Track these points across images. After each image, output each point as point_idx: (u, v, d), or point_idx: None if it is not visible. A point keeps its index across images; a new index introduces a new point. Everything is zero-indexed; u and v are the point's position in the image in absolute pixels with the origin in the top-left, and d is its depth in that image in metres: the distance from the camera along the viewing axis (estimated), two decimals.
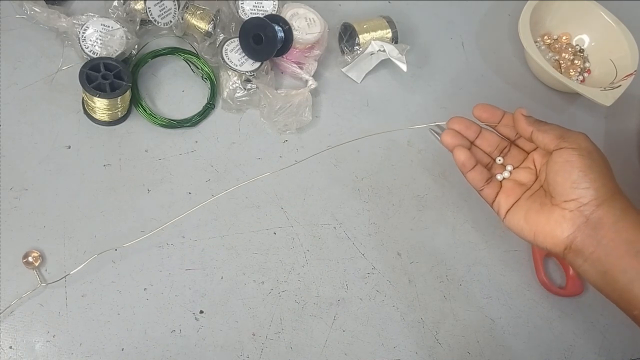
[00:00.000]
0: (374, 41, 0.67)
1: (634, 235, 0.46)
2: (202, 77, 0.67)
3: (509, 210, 0.52)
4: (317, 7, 0.69)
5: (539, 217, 0.50)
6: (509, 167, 0.54)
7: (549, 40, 0.80)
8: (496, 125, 0.55)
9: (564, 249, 0.49)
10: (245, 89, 0.65)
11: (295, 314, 0.57)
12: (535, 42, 0.77)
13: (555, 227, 0.48)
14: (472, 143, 0.56)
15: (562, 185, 0.48)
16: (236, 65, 0.64)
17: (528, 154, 0.55)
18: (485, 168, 0.54)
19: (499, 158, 0.55)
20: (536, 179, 0.53)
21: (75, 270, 0.54)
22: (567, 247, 0.48)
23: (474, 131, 0.55)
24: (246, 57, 0.65)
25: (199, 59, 0.67)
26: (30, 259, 0.54)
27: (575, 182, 0.47)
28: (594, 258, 0.47)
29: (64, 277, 0.54)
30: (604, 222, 0.47)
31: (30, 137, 0.60)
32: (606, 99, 0.69)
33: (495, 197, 0.53)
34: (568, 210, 0.48)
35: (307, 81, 0.67)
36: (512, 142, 0.56)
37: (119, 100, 0.59)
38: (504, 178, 0.54)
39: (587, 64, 0.78)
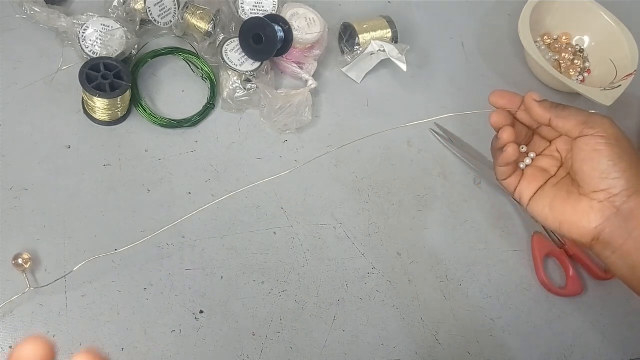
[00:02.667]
0: (374, 41, 0.67)
1: None
2: (202, 77, 0.67)
3: (532, 197, 0.50)
4: (317, 7, 0.69)
5: (565, 206, 0.48)
6: (532, 155, 0.52)
7: (549, 40, 0.80)
8: (515, 112, 0.51)
9: (591, 240, 0.47)
10: (245, 89, 0.65)
11: (295, 314, 0.57)
12: (535, 42, 0.77)
13: (583, 218, 0.46)
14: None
15: (590, 175, 0.46)
16: (236, 65, 0.64)
17: (551, 142, 0.52)
18: None
19: (522, 146, 0.52)
20: (561, 166, 0.51)
21: (75, 268, 0.54)
22: (595, 238, 0.47)
23: (513, 120, 0.52)
24: (246, 57, 0.65)
25: (199, 59, 0.67)
26: (20, 261, 0.53)
27: (604, 172, 0.45)
28: (624, 250, 0.45)
29: (56, 280, 0.53)
30: (635, 214, 0.44)
31: (30, 137, 0.60)
32: (606, 99, 0.69)
33: (517, 185, 0.51)
34: (597, 200, 0.46)
35: (307, 81, 0.67)
36: (534, 131, 0.53)
37: (119, 100, 0.59)
38: (526, 165, 0.52)
39: (587, 64, 0.79)
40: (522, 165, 0.52)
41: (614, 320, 0.63)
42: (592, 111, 0.48)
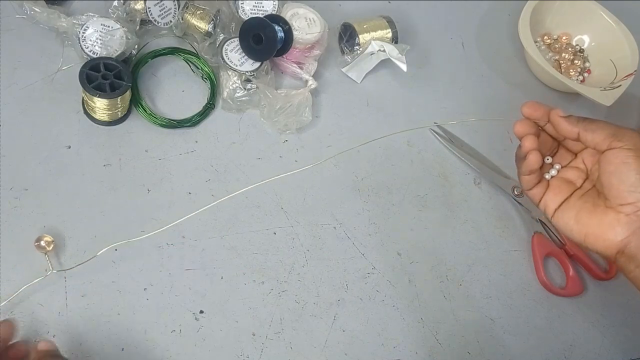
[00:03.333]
0: (374, 41, 0.67)
1: None
2: (202, 77, 0.67)
3: (557, 208, 0.50)
4: (317, 7, 0.69)
5: (590, 218, 0.48)
6: (557, 166, 0.52)
7: (549, 40, 0.80)
8: (545, 125, 0.52)
9: (615, 253, 0.47)
10: (245, 89, 0.65)
11: (295, 314, 0.57)
12: (535, 42, 0.77)
13: (608, 230, 0.46)
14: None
15: (618, 188, 0.46)
16: (236, 65, 0.64)
17: (576, 155, 0.52)
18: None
19: (548, 157, 0.53)
20: (586, 178, 0.51)
21: (77, 266, 0.54)
22: (620, 251, 0.47)
23: (537, 129, 0.52)
24: (246, 57, 0.65)
25: (199, 59, 0.67)
26: (42, 243, 0.54)
27: (632, 185, 0.45)
28: None
29: (76, 265, 0.54)
30: None
31: (30, 137, 0.60)
32: (606, 99, 0.69)
33: (542, 196, 0.52)
34: (624, 214, 0.46)
35: (307, 81, 0.67)
36: (560, 143, 0.53)
37: (118, 100, 0.59)
38: (551, 177, 0.52)
39: (587, 64, 0.79)
40: (547, 176, 0.52)
41: (614, 320, 0.63)
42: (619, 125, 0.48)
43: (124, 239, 0.56)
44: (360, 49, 0.69)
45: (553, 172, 0.52)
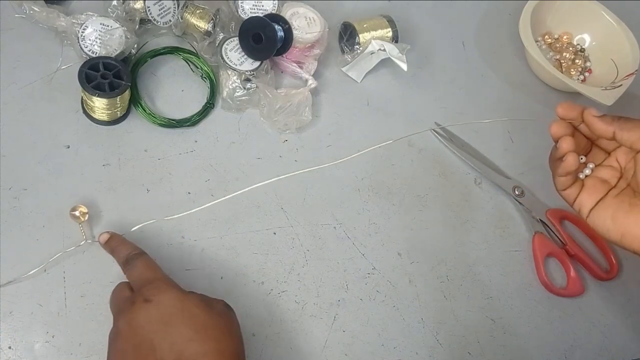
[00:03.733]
0: (374, 40, 0.67)
1: None
2: (201, 76, 0.67)
3: (592, 208, 0.50)
4: (317, 6, 0.69)
5: (628, 218, 0.48)
6: (591, 165, 0.52)
7: (549, 40, 0.80)
8: (579, 125, 0.52)
9: None
10: (245, 88, 0.65)
11: (295, 314, 0.57)
12: (536, 41, 0.77)
13: None
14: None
15: None
16: (236, 65, 0.64)
17: (609, 153, 0.52)
18: None
19: (581, 157, 0.53)
20: (620, 177, 0.51)
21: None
22: None
23: (573, 130, 0.52)
24: (246, 56, 0.65)
25: (199, 58, 0.67)
26: (77, 213, 0.55)
27: None
28: None
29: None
30: None
31: (29, 136, 0.60)
32: (607, 98, 0.69)
33: (577, 196, 0.51)
34: None
35: (307, 80, 0.67)
36: (593, 142, 0.53)
37: (118, 99, 0.59)
38: (585, 176, 0.52)
39: (588, 64, 0.78)
40: (581, 176, 0.52)
41: (615, 320, 0.63)
42: None
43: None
44: (361, 49, 0.68)
45: (587, 171, 0.52)
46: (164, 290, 0.46)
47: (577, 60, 0.77)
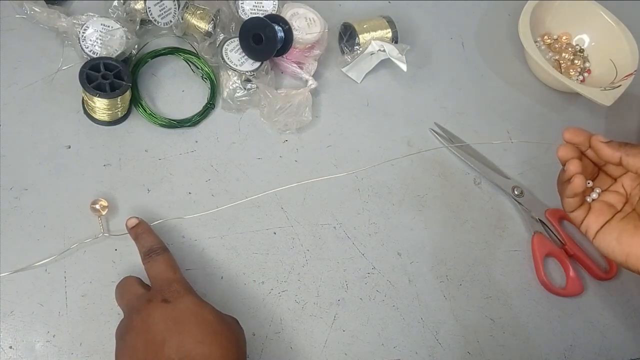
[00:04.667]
0: (374, 41, 0.67)
1: None
2: (202, 77, 0.67)
3: (599, 230, 0.52)
4: (317, 7, 0.69)
5: (632, 240, 0.49)
6: (598, 190, 0.54)
7: (549, 40, 0.80)
8: (586, 150, 0.53)
9: None
10: (245, 88, 0.65)
11: (295, 314, 0.57)
12: (535, 42, 0.77)
13: None
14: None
15: None
16: (236, 65, 0.64)
17: (616, 179, 0.54)
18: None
19: (589, 182, 0.54)
20: (626, 202, 0.53)
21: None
22: None
23: (580, 153, 0.54)
24: (246, 57, 0.65)
25: (199, 58, 0.67)
26: (97, 206, 0.56)
27: None
28: None
29: (122, 234, 0.56)
30: None
31: (30, 137, 0.60)
32: (606, 99, 0.69)
33: (584, 218, 0.53)
34: None
35: (307, 81, 0.67)
36: (600, 168, 0.55)
37: (118, 100, 0.59)
38: (592, 199, 0.54)
39: (587, 64, 0.79)
40: (588, 199, 0.54)
41: (614, 320, 0.63)
42: None
43: (123, 238, 0.56)
44: (360, 49, 0.69)
45: (594, 195, 0.54)
46: (183, 295, 0.48)
47: (576, 61, 0.78)
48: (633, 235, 0.49)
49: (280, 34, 0.64)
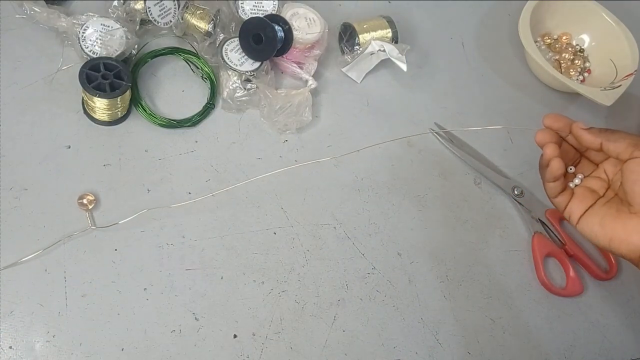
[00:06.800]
0: (374, 41, 0.67)
1: None
2: (202, 77, 0.67)
3: (582, 215, 0.52)
4: (317, 7, 0.69)
5: (615, 223, 0.50)
6: (580, 176, 0.54)
7: (549, 40, 0.80)
8: (567, 136, 0.54)
9: (639, 256, 0.49)
10: (245, 88, 0.65)
11: (295, 314, 0.57)
12: (536, 42, 0.77)
13: (633, 234, 0.48)
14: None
15: None
16: (236, 65, 0.64)
17: (597, 165, 0.54)
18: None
19: (570, 167, 0.55)
20: (608, 187, 0.53)
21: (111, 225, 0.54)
22: None
23: (558, 138, 0.54)
24: (246, 57, 0.65)
25: (199, 58, 0.67)
26: (84, 201, 0.57)
27: None
28: None
29: (112, 224, 0.57)
30: None
31: (30, 137, 0.60)
32: (606, 98, 0.69)
33: (567, 203, 0.53)
34: None
35: (307, 81, 0.67)
36: (582, 154, 0.55)
37: (118, 100, 0.59)
38: (575, 185, 0.54)
39: (587, 64, 0.78)
40: (571, 185, 0.54)
41: (614, 320, 0.63)
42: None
43: (123, 238, 0.56)
44: (360, 49, 0.69)
45: (577, 180, 0.54)
46: None
47: (576, 61, 0.78)
48: (615, 219, 0.50)
49: (280, 34, 0.64)
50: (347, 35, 0.71)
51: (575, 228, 0.53)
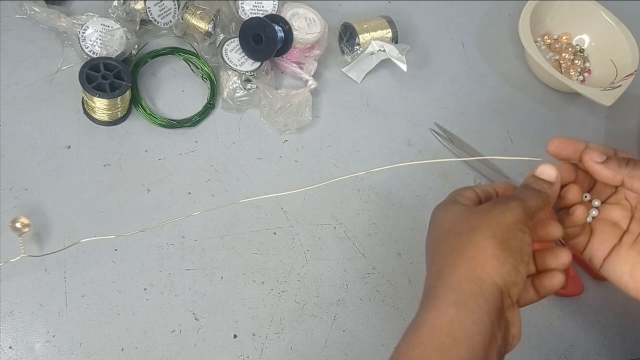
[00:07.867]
0: (374, 41, 0.67)
1: None
2: (202, 77, 0.67)
3: (606, 258, 0.43)
4: (317, 7, 0.69)
5: None
6: (596, 202, 0.44)
7: (549, 40, 0.80)
8: (578, 162, 0.43)
9: None
10: (245, 88, 0.65)
11: (295, 314, 0.57)
12: (536, 42, 0.77)
13: None
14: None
15: None
16: (236, 65, 0.64)
17: (616, 188, 0.44)
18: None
19: (585, 195, 0.45)
20: (632, 217, 0.44)
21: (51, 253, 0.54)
22: None
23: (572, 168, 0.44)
24: (246, 57, 0.65)
25: (199, 58, 0.67)
26: (18, 224, 0.52)
27: None
28: None
29: (52, 252, 0.54)
30: None
31: (30, 137, 0.60)
32: (606, 99, 0.69)
33: (587, 244, 0.44)
34: None
35: (307, 81, 0.67)
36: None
37: (118, 100, 0.59)
38: (592, 218, 0.44)
39: (587, 64, 0.79)
40: (588, 219, 0.45)
41: (614, 320, 0.63)
42: None
43: (123, 238, 0.56)
44: (360, 49, 0.69)
45: (594, 212, 0.45)
46: None
47: (576, 61, 0.78)
48: None
49: (280, 34, 0.64)
50: (347, 35, 0.71)
51: (600, 273, 0.44)
